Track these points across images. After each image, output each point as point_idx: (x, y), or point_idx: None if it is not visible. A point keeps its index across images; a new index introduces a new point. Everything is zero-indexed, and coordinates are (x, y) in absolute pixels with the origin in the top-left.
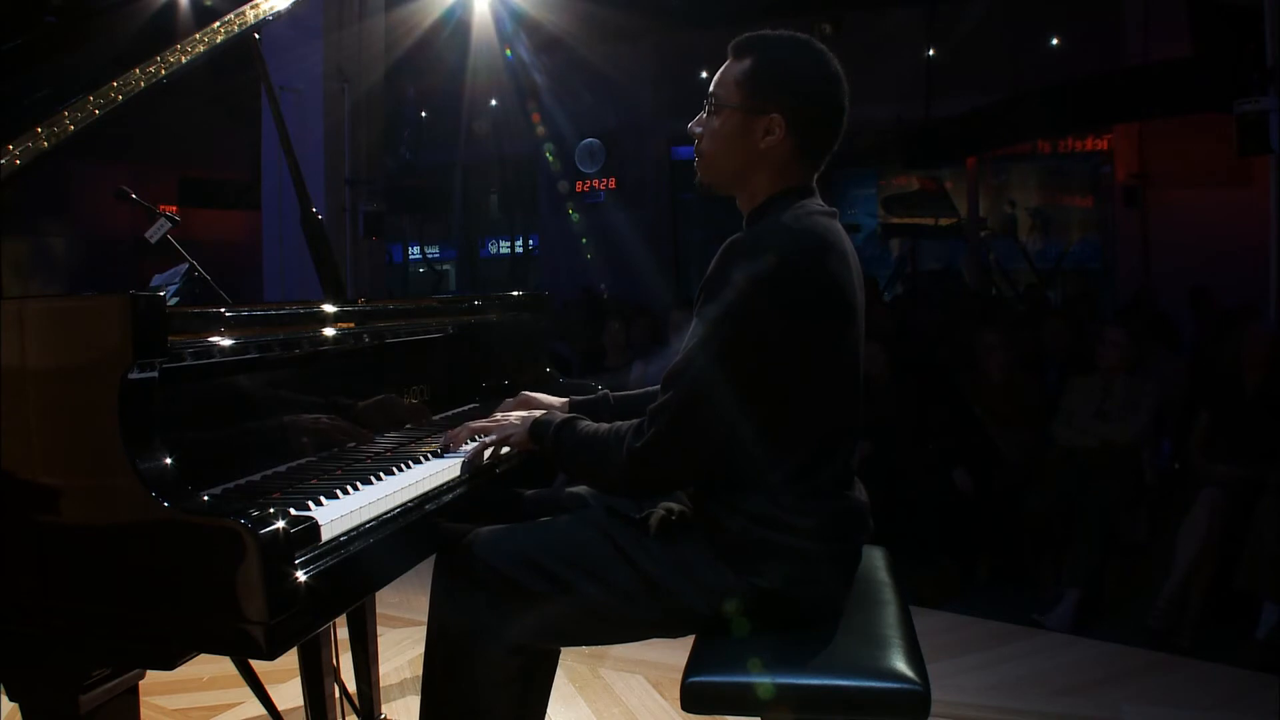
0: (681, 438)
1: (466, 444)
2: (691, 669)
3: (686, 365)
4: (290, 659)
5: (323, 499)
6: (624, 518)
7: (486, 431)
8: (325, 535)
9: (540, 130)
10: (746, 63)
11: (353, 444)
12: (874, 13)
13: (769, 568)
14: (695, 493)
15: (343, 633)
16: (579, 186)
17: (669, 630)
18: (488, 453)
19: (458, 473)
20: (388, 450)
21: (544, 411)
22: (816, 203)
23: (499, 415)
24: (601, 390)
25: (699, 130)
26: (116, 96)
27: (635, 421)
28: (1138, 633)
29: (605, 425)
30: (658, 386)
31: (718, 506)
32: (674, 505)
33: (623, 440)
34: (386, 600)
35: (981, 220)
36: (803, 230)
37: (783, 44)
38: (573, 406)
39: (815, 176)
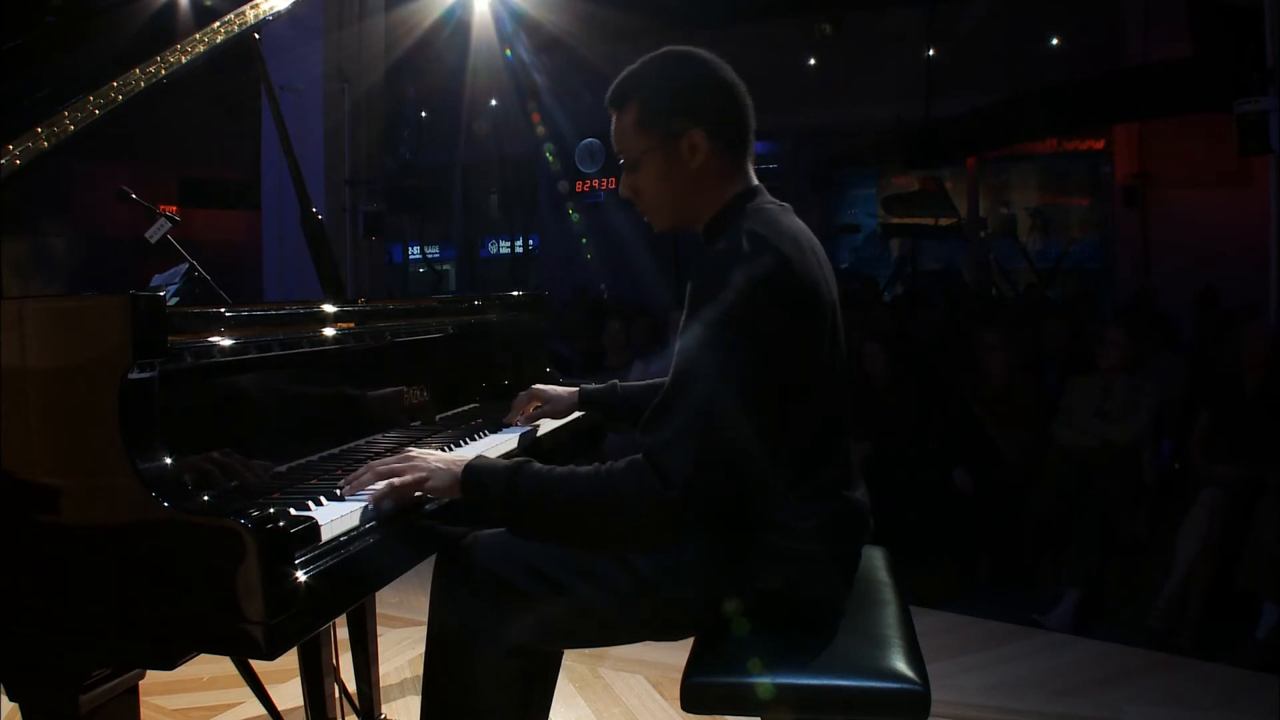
0: (710, 470)
1: (372, 487)
2: (691, 669)
3: (684, 393)
4: (290, 659)
5: (323, 499)
6: None
7: (397, 474)
8: (325, 535)
9: (540, 130)
10: (633, 106)
11: (353, 444)
12: (874, 13)
13: (769, 570)
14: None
15: (343, 633)
16: (579, 186)
17: (669, 632)
18: (387, 494)
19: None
20: (388, 450)
21: (475, 455)
22: (768, 201)
23: (412, 453)
24: (611, 382)
25: (629, 193)
26: (116, 96)
27: (641, 466)
28: (1138, 633)
29: (581, 470)
30: (663, 380)
31: (717, 511)
32: None
33: (640, 488)
34: (386, 600)
35: (981, 220)
36: (766, 233)
37: (653, 68)
38: (583, 394)
39: (750, 167)
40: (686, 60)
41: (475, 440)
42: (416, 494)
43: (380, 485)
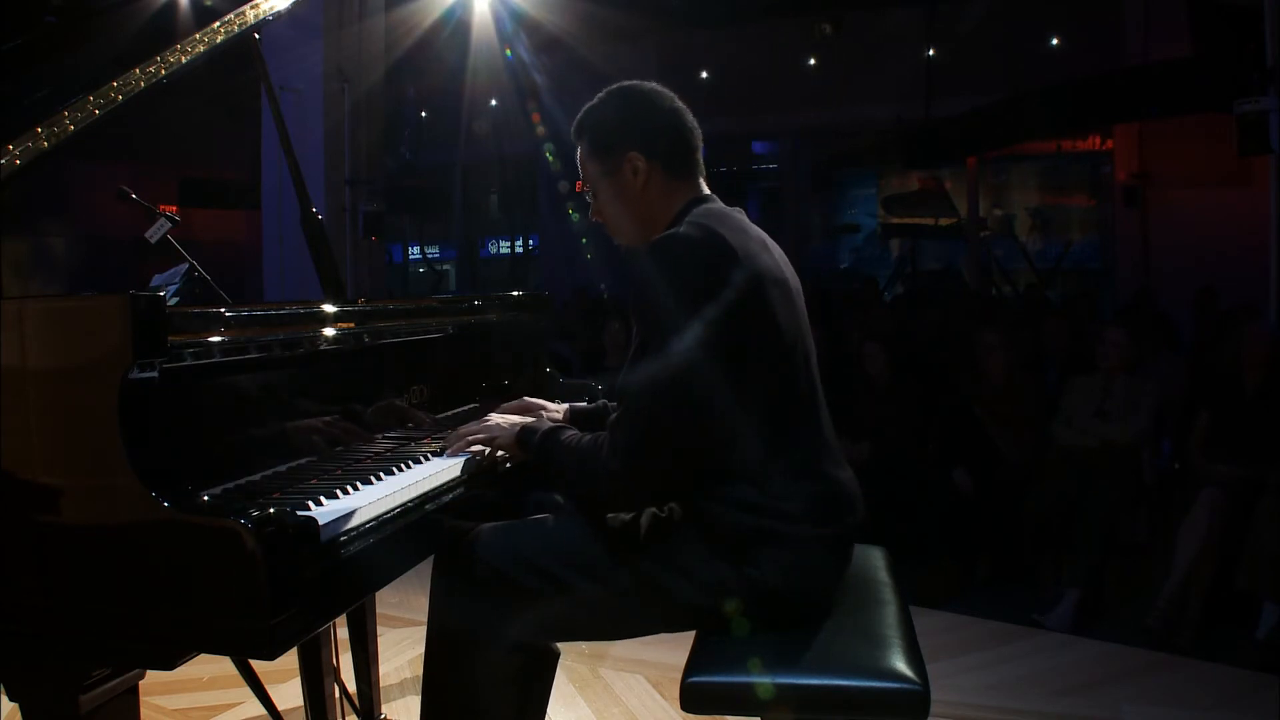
0: (651, 443)
1: (462, 448)
2: (691, 669)
3: (634, 368)
4: (290, 659)
5: (323, 499)
6: (618, 522)
7: (477, 434)
8: (325, 535)
9: (540, 130)
10: (585, 138)
11: (352, 444)
12: (874, 13)
13: (762, 556)
14: (681, 490)
15: (343, 633)
16: (579, 186)
17: (668, 625)
18: (473, 451)
19: (457, 473)
20: (388, 450)
21: (533, 419)
22: (716, 204)
23: (492, 417)
24: (600, 402)
25: (598, 218)
26: (116, 96)
27: (603, 436)
28: (1138, 633)
29: (587, 437)
30: None
31: (704, 500)
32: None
33: (596, 459)
34: (386, 600)
35: (981, 220)
36: (703, 218)
37: (600, 103)
38: (573, 414)
39: (702, 180)
40: (627, 94)
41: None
42: (495, 453)
43: (474, 446)
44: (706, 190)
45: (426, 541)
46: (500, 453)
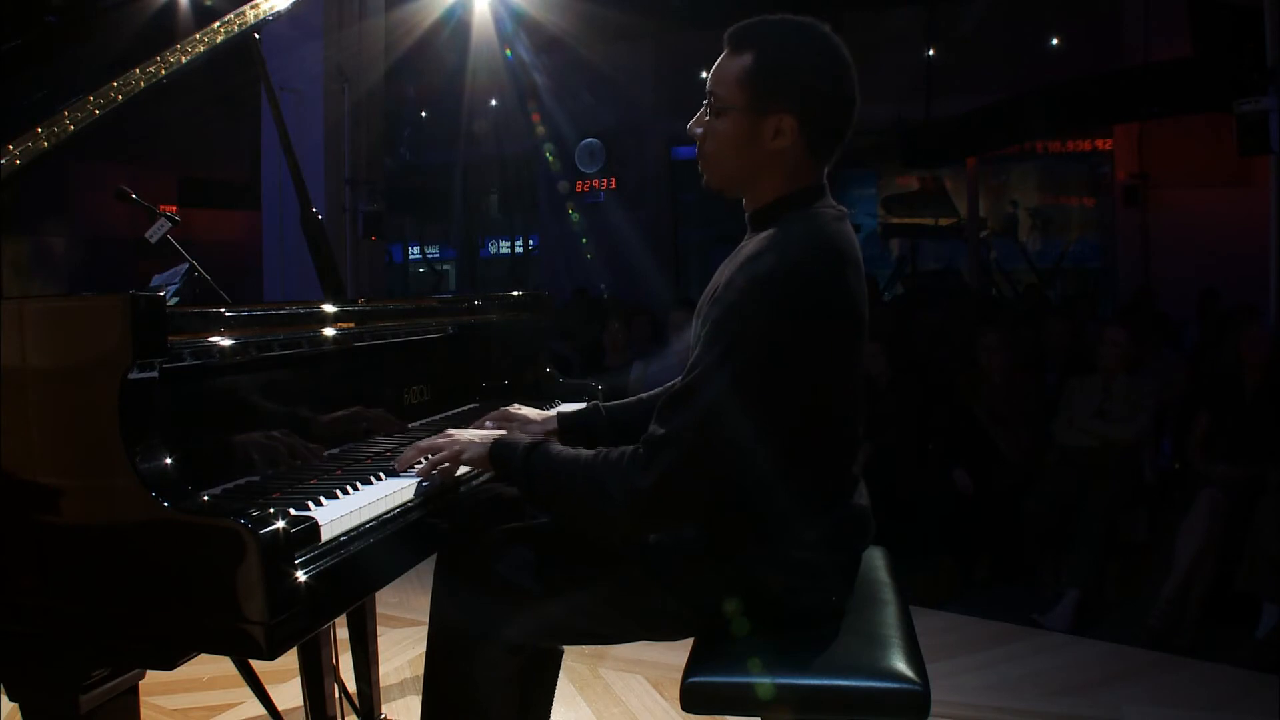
0: (697, 471)
1: (416, 465)
2: (691, 669)
3: (698, 389)
4: (290, 659)
5: (323, 499)
6: None
7: (438, 450)
8: (325, 535)
9: (540, 130)
10: (748, 58)
11: (352, 444)
12: (874, 13)
13: (771, 576)
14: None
15: (343, 633)
16: (579, 186)
17: (668, 634)
18: (438, 470)
19: (462, 473)
20: (388, 450)
21: (505, 432)
22: (828, 204)
23: (451, 432)
24: (592, 402)
25: (699, 131)
26: (116, 96)
27: (630, 452)
28: (1138, 633)
29: (586, 452)
30: (651, 393)
31: (719, 517)
32: None
33: (620, 475)
34: (386, 600)
35: (981, 220)
36: (821, 244)
37: (787, 35)
38: (562, 420)
39: (826, 171)
40: (824, 46)
41: (425, 461)
42: (458, 470)
43: (425, 463)
44: (824, 180)
45: (427, 541)
46: (461, 470)
